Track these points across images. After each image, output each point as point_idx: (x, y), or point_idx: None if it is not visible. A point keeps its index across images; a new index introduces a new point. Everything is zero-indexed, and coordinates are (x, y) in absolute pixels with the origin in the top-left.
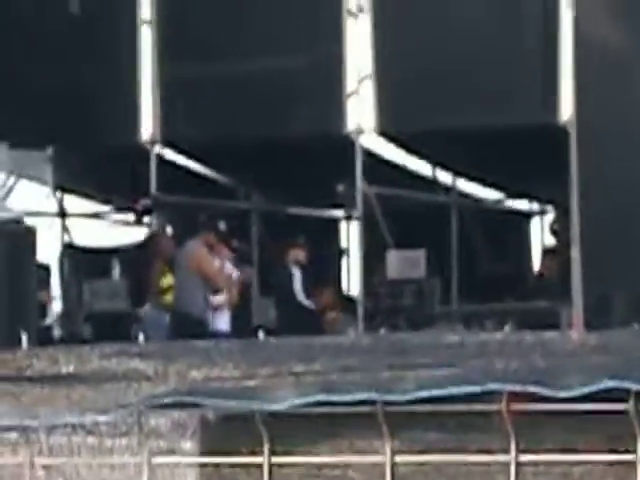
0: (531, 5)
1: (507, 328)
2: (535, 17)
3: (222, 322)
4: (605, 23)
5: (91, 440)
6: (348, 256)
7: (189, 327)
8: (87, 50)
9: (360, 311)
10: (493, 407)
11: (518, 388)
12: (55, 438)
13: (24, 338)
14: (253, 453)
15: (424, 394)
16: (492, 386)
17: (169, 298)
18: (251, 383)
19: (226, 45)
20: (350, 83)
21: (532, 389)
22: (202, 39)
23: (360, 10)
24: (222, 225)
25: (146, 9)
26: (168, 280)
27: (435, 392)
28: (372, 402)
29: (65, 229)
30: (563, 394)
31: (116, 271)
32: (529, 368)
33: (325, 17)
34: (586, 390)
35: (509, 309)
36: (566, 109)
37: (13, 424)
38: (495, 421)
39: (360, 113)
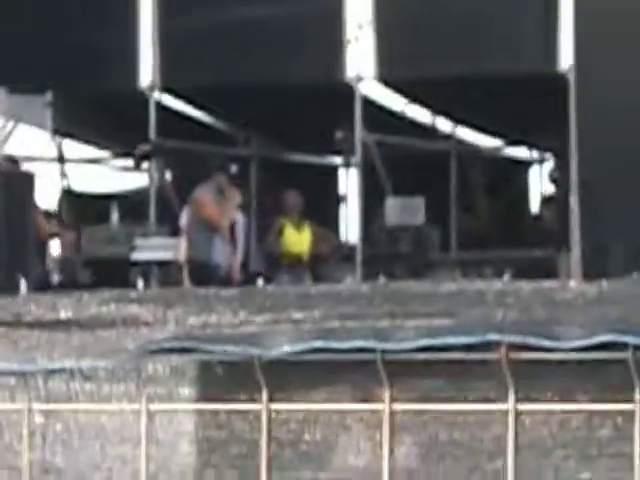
0: None
1: (506, 276)
2: None
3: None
4: None
5: (89, 386)
6: (346, 203)
7: (202, 273)
8: None
9: (358, 258)
10: (492, 356)
11: (517, 339)
12: (53, 384)
13: (23, 284)
14: (251, 400)
15: (423, 343)
16: (491, 337)
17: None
18: (249, 330)
19: None
20: (350, 30)
21: (532, 341)
22: None
23: None
24: (233, 168)
25: None
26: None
27: (434, 342)
28: (371, 350)
29: (64, 174)
30: (562, 346)
31: (114, 217)
32: (528, 319)
33: None
34: (585, 343)
35: (507, 257)
36: (566, 57)
37: (11, 369)
38: (494, 370)
39: (360, 60)
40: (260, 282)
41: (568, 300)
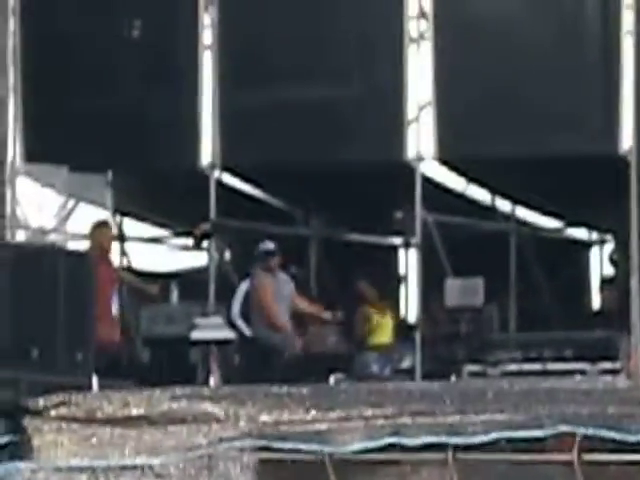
0: (592, 34)
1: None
2: (596, 46)
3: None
4: None
5: None
6: (406, 283)
7: (261, 356)
8: (148, 75)
9: (418, 338)
10: (564, 457)
11: (590, 432)
12: None
13: (95, 380)
14: None
15: (494, 436)
16: (563, 428)
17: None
18: (321, 427)
19: (287, 71)
20: (411, 110)
21: (604, 433)
22: (262, 65)
23: (421, 37)
24: (270, 245)
25: (207, 35)
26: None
27: (505, 434)
28: (443, 447)
29: (124, 253)
30: (633, 439)
31: (174, 296)
32: (600, 414)
33: (386, 43)
34: None
35: (567, 338)
36: (626, 138)
37: (83, 465)
38: (565, 471)
39: (420, 140)
40: (332, 379)
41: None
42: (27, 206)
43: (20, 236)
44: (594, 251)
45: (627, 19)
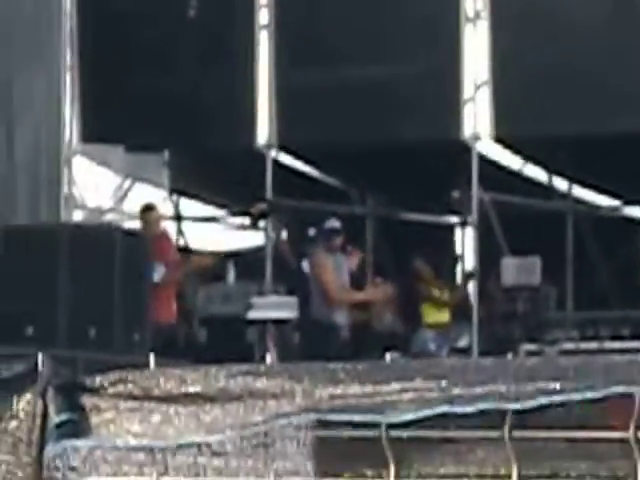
0: None
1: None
2: None
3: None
4: None
5: (217, 461)
6: (463, 262)
7: (318, 335)
8: (204, 54)
9: (475, 317)
10: (619, 434)
11: None
12: (181, 458)
13: (152, 357)
14: (377, 476)
15: (547, 400)
16: (617, 389)
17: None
18: (376, 400)
19: (343, 50)
20: (467, 89)
21: None
22: (319, 44)
23: (477, 16)
24: (335, 223)
25: (264, 14)
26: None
27: (558, 398)
28: (500, 425)
29: (181, 232)
30: None
31: (231, 275)
32: None
33: (443, 23)
34: None
35: (625, 317)
36: None
37: (140, 444)
38: (622, 448)
39: (476, 119)
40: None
41: None
42: (84, 186)
43: (77, 216)
44: None
45: None
